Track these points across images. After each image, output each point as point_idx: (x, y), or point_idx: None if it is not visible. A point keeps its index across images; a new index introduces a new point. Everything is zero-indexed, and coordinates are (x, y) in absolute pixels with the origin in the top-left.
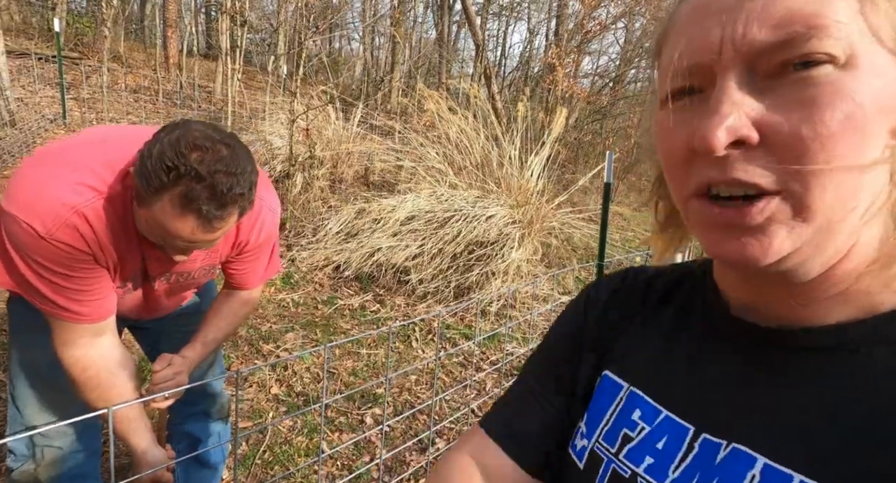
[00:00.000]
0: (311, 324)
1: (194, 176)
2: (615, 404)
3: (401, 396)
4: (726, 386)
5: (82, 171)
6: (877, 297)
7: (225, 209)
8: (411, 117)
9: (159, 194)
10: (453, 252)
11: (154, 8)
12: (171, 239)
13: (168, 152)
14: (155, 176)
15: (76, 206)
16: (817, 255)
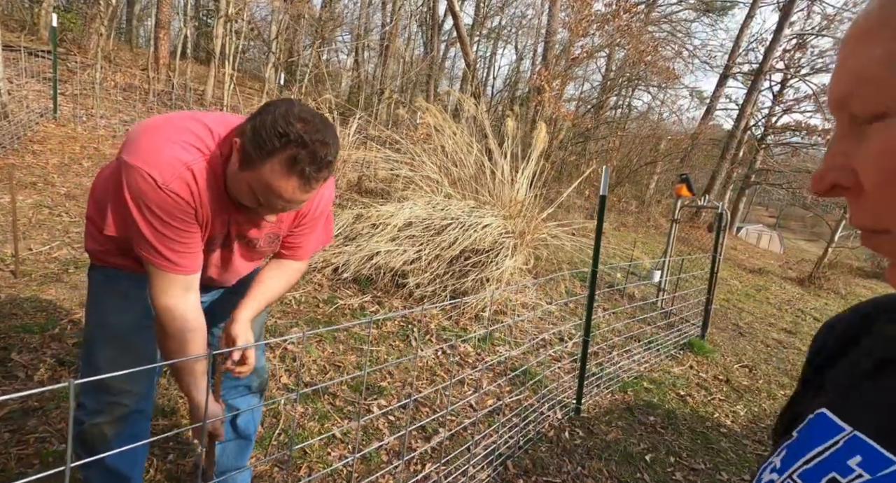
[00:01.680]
0: (314, 321)
1: (300, 142)
2: (829, 445)
3: (404, 390)
4: None
5: (189, 134)
6: None
7: (321, 172)
8: (408, 129)
9: (270, 157)
10: (450, 258)
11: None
12: (274, 198)
13: (280, 121)
14: (268, 140)
15: (187, 162)
16: None
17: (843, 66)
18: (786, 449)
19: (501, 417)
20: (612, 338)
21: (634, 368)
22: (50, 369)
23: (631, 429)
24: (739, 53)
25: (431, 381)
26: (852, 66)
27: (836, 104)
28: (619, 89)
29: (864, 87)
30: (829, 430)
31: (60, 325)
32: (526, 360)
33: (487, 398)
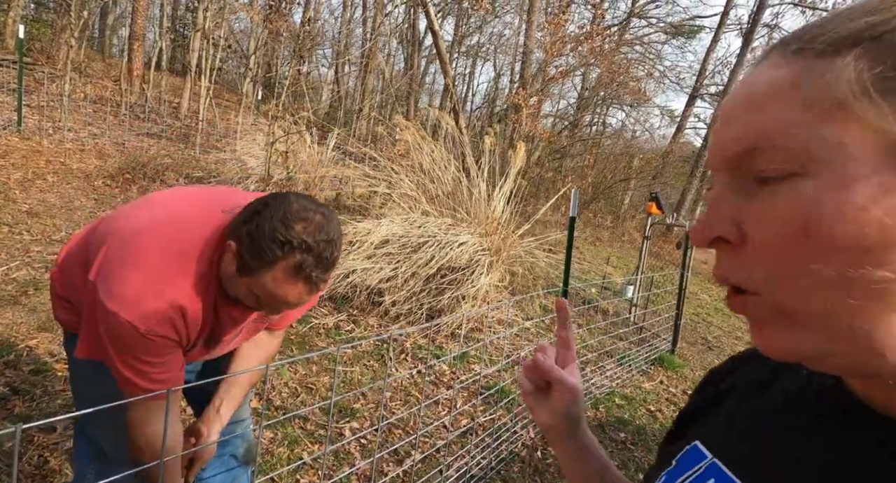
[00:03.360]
0: (286, 341)
1: (304, 248)
2: (693, 471)
3: (377, 412)
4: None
5: (174, 259)
6: None
7: (328, 273)
8: (385, 145)
9: (271, 266)
10: (426, 276)
11: (116, 19)
12: (277, 304)
13: (280, 227)
14: (268, 250)
15: (175, 301)
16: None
17: (743, 124)
18: (665, 475)
19: (475, 438)
20: (587, 354)
21: (607, 384)
22: (2, 399)
23: (602, 446)
24: (706, 75)
25: (406, 402)
26: (755, 126)
27: (731, 160)
28: (593, 107)
29: (770, 148)
30: (696, 459)
31: (16, 351)
32: (501, 378)
33: (462, 418)
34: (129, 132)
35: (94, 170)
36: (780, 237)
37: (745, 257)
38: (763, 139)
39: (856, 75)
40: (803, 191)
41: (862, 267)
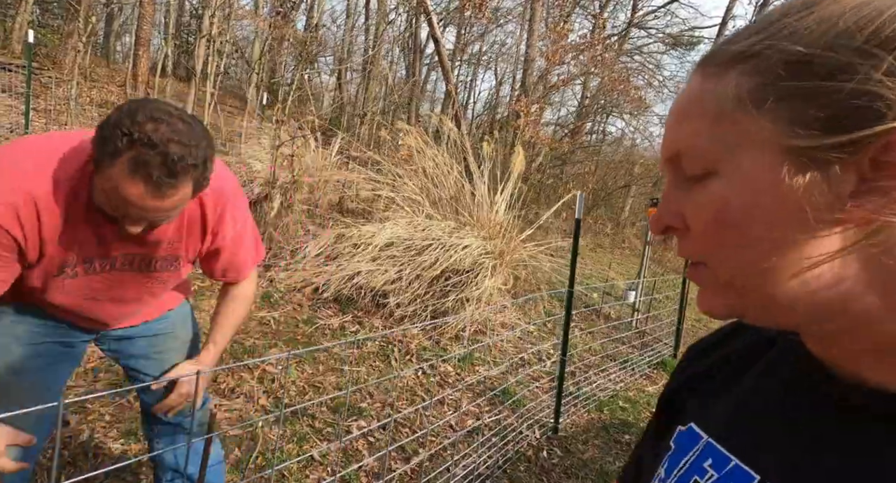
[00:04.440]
0: (293, 341)
1: (147, 142)
2: (693, 452)
3: (383, 411)
4: (793, 436)
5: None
6: None
7: (176, 178)
8: (388, 150)
9: (113, 159)
10: (430, 278)
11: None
12: (124, 205)
13: (125, 120)
14: (111, 141)
15: (28, 191)
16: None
17: (672, 132)
18: (668, 460)
19: (480, 437)
20: (590, 357)
21: (610, 387)
22: None
23: (607, 447)
24: None
25: (412, 402)
26: (679, 134)
27: (667, 162)
28: (593, 115)
29: (688, 152)
30: (693, 440)
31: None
32: (505, 380)
33: (467, 418)
34: None
35: None
36: (705, 225)
37: (690, 240)
38: (683, 145)
39: (736, 90)
40: (714, 188)
41: (761, 248)
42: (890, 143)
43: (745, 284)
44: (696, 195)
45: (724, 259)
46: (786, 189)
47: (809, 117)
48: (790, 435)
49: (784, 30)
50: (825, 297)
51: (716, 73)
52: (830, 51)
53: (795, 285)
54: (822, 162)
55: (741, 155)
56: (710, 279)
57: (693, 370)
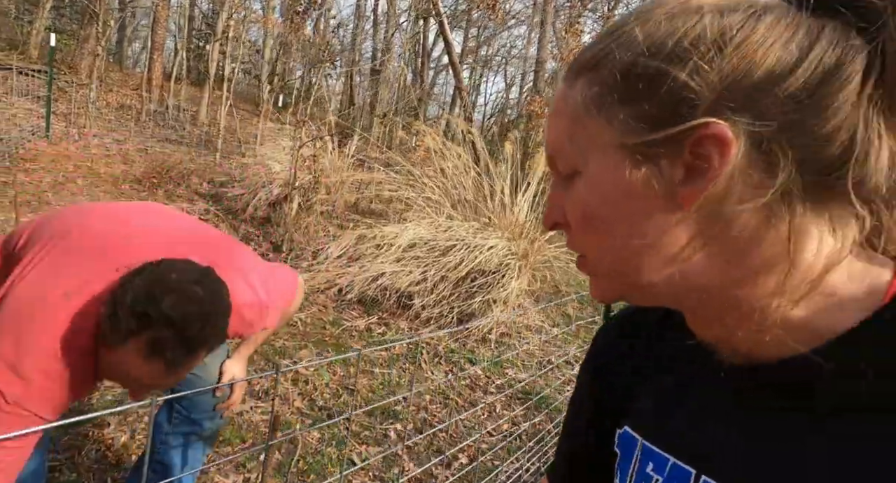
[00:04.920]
0: (322, 342)
1: (167, 324)
2: (634, 459)
3: (418, 414)
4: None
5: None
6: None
7: (193, 354)
8: (405, 151)
9: (126, 339)
10: (456, 279)
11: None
12: (133, 382)
13: (142, 299)
14: (125, 321)
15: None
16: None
17: (547, 134)
18: (618, 469)
19: (519, 442)
20: None
21: None
22: None
23: None
24: None
25: (445, 405)
26: (552, 137)
27: (548, 162)
28: None
29: (557, 154)
30: (631, 444)
31: None
32: (535, 384)
33: (502, 422)
34: (150, 138)
35: (120, 174)
36: (576, 221)
37: (571, 234)
38: (553, 148)
39: (582, 97)
40: (578, 186)
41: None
42: (702, 136)
43: (618, 271)
44: (568, 193)
45: (596, 250)
46: (628, 184)
47: (638, 118)
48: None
49: (617, 41)
50: (691, 277)
51: (570, 81)
52: (649, 58)
53: (662, 269)
54: (652, 156)
55: (591, 156)
56: (592, 269)
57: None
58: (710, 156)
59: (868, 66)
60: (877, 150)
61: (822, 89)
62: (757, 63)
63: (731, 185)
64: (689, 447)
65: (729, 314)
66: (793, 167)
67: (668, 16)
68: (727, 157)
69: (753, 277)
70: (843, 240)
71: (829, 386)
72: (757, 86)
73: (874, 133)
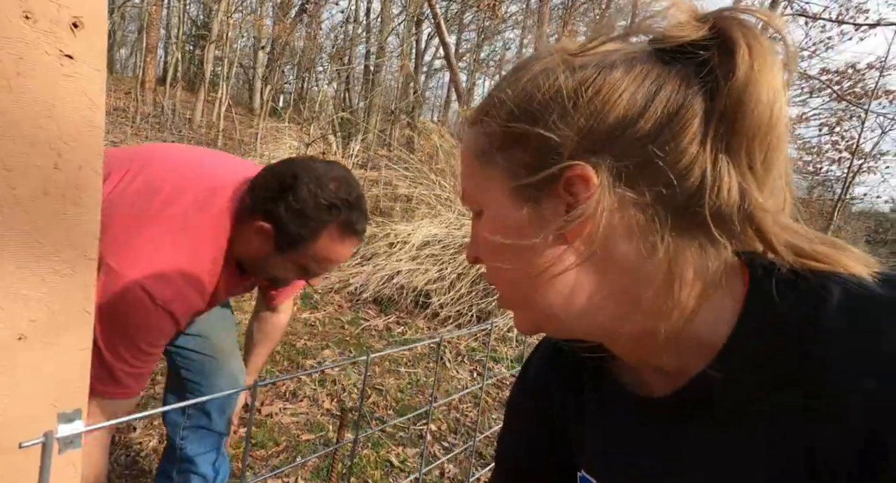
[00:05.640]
0: (343, 342)
1: (347, 205)
2: None
3: (450, 415)
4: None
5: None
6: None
7: (368, 220)
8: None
9: (319, 232)
10: (474, 277)
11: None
12: (330, 265)
13: (319, 193)
14: (315, 216)
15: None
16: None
17: (461, 177)
18: None
19: None
20: None
21: None
22: None
23: None
24: None
25: (475, 404)
26: (462, 179)
27: (461, 200)
28: None
29: (466, 194)
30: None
31: None
32: None
33: None
34: (147, 141)
35: None
36: (484, 255)
37: (486, 268)
38: (463, 187)
39: (476, 144)
40: (482, 223)
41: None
42: (570, 177)
43: (520, 304)
44: (477, 228)
45: (503, 284)
46: (517, 222)
47: (517, 164)
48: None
49: (498, 96)
50: (588, 307)
51: (470, 126)
52: (519, 114)
53: (558, 299)
54: (534, 197)
55: (486, 197)
56: (504, 302)
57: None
58: (579, 193)
59: (707, 110)
60: (727, 184)
61: (668, 131)
62: (608, 111)
63: (606, 219)
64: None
65: (632, 336)
66: (655, 200)
67: (535, 71)
68: (592, 193)
69: (643, 299)
70: (715, 260)
71: (723, 396)
72: (611, 130)
73: (722, 169)
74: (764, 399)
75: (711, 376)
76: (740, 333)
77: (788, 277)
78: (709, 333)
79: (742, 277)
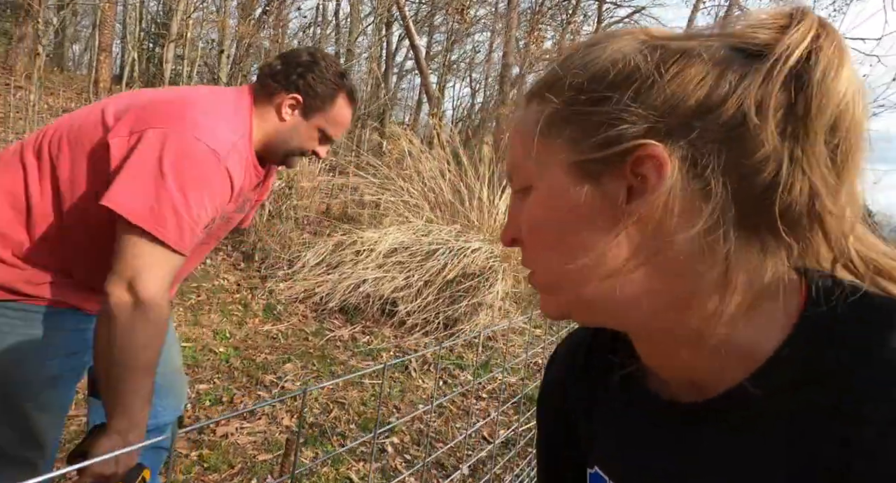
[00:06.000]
0: (306, 354)
1: (347, 76)
2: None
3: (413, 425)
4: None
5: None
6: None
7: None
8: (379, 154)
9: (335, 96)
10: (440, 284)
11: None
12: (338, 130)
13: (329, 65)
14: (332, 84)
15: (236, 143)
16: (592, 307)
17: (508, 151)
18: None
19: (515, 447)
20: None
21: None
22: None
23: None
24: None
25: (440, 414)
26: (510, 154)
27: (507, 178)
28: None
29: (514, 170)
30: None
31: None
32: (526, 386)
33: (498, 428)
34: None
35: None
36: (526, 234)
37: (525, 249)
38: (510, 164)
39: (536, 116)
40: (531, 200)
41: (564, 252)
42: (640, 156)
43: (562, 287)
44: (521, 208)
45: (543, 265)
46: (574, 200)
47: (583, 139)
48: (659, 458)
49: (566, 68)
50: (630, 296)
51: (528, 102)
52: (594, 85)
53: (602, 284)
54: (596, 175)
55: (543, 172)
56: (539, 285)
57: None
58: (647, 175)
59: (788, 103)
60: (800, 182)
61: (748, 121)
62: (688, 94)
63: (669, 207)
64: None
65: (669, 337)
66: (726, 193)
67: (612, 48)
68: (663, 177)
69: (691, 300)
70: (773, 268)
71: (759, 407)
72: (690, 114)
73: (797, 165)
74: (786, 399)
75: (750, 392)
76: (788, 353)
77: (853, 298)
78: (750, 345)
79: (799, 292)
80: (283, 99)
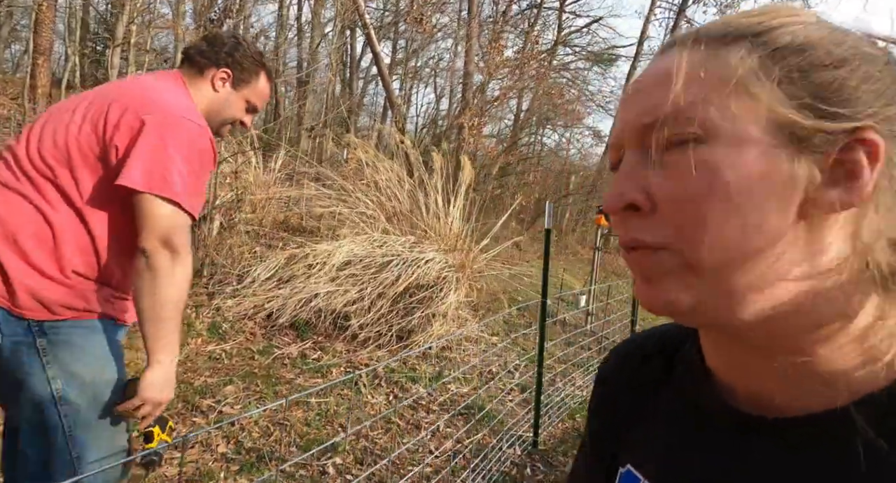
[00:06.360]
0: (250, 375)
1: (263, 55)
2: None
3: (359, 444)
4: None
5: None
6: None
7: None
8: (336, 164)
9: (258, 71)
10: (394, 296)
11: (10, 31)
12: (261, 102)
13: (251, 48)
14: (254, 62)
15: (201, 116)
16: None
17: (652, 98)
18: None
19: (464, 461)
20: (555, 365)
21: (578, 394)
22: None
23: None
24: None
25: (387, 430)
26: (663, 100)
27: (641, 131)
28: (530, 128)
29: (677, 116)
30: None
31: None
32: (479, 397)
33: (446, 440)
34: None
35: None
36: (687, 196)
37: (654, 219)
38: (671, 110)
39: (742, 62)
40: (704, 156)
41: (746, 226)
42: (857, 140)
43: (720, 266)
44: (675, 164)
45: (701, 237)
46: (766, 169)
47: (799, 104)
48: (703, 462)
49: (785, 23)
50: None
51: (721, 45)
52: (825, 49)
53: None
54: (802, 148)
55: (740, 125)
56: (671, 262)
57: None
58: (858, 161)
59: None
60: None
61: None
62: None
63: (874, 203)
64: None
65: (779, 349)
66: None
67: (834, 27)
68: (875, 169)
69: (820, 317)
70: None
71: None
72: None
73: None
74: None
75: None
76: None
77: None
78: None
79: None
80: (214, 73)
